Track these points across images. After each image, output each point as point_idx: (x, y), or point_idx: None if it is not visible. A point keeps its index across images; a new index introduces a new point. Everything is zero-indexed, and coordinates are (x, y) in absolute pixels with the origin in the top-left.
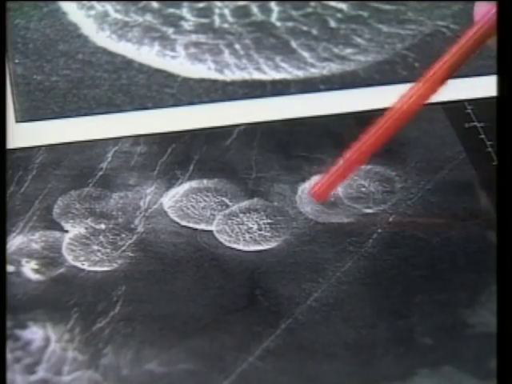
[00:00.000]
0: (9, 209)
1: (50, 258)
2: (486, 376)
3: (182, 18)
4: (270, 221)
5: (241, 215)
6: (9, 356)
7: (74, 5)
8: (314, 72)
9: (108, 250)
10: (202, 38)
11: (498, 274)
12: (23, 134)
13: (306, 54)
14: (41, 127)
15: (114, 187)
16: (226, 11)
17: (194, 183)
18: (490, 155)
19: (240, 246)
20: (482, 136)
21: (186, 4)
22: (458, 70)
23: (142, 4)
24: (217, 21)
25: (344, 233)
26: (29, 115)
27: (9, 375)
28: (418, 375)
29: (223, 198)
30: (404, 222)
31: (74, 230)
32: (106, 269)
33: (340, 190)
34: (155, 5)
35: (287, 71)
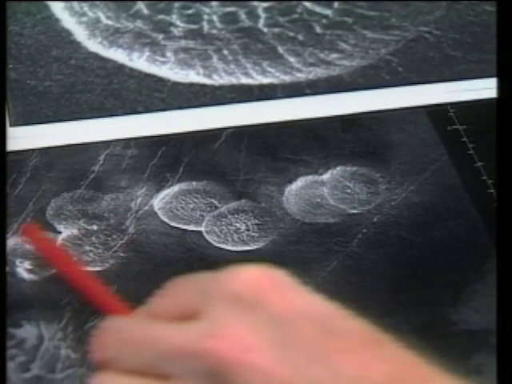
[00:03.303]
0: None
1: (43, 258)
2: (468, 372)
3: (171, 24)
4: (257, 221)
5: (229, 216)
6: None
7: (66, 12)
8: (300, 77)
9: (100, 251)
10: (191, 43)
11: (497, 275)
12: (17, 138)
13: (292, 59)
14: (34, 131)
15: (106, 189)
16: (215, 17)
17: (183, 185)
18: (471, 157)
19: (228, 247)
20: (464, 139)
21: (175, 11)
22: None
23: (132, 11)
24: (205, 27)
25: (330, 233)
26: (23, 119)
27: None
28: None
29: (212, 200)
30: None
31: (67, 231)
32: (98, 269)
33: (326, 192)
34: (145, 11)
35: (274, 76)
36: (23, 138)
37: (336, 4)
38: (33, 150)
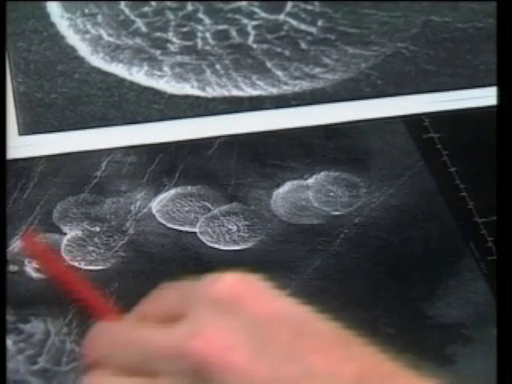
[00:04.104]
0: (12, 213)
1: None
2: (443, 362)
3: (168, 41)
4: (247, 223)
5: (221, 218)
6: (13, 348)
7: (71, 29)
8: (286, 89)
9: (102, 251)
10: (186, 59)
11: (497, 276)
12: (25, 146)
13: (279, 73)
14: (41, 139)
15: (108, 193)
16: (208, 34)
17: (179, 189)
18: (445, 163)
19: (221, 246)
20: (439, 146)
21: (171, 28)
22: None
23: (132, 29)
24: (199, 43)
25: (314, 233)
26: (30, 129)
27: (12, 365)
28: None
29: (205, 203)
30: None
31: (72, 232)
32: (100, 267)
33: (310, 195)
34: (144, 29)
35: (263, 88)
36: (31, 146)
37: (320, 22)
38: (40, 157)
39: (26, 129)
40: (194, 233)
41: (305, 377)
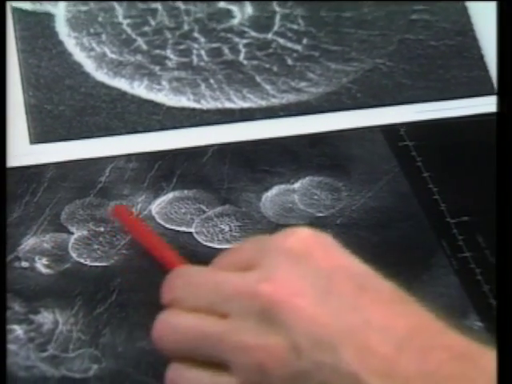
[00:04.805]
0: (24, 215)
1: (58, 255)
2: None
3: (166, 57)
4: (239, 223)
5: (215, 219)
6: (24, 337)
7: (77, 47)
8: (274, 101)
9: (106, 249)
10: (182, 74)
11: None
12: (36, 154)
13: (268, 87)
14: (51, 148)
15: (111, 197)
16: (202, 52)
17: (176, 193)
18: (419, 168)
19: (215, 245)
20: (413, 153)
21: (169, 46)
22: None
23: (133, 47)
24: (195, 60)
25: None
26: (41, 138)
27: (24, 352)
28: None
29: (200, 205)
30: None
31: (78, 232)
32: (104, 264)
33: (296, 198)
34: (144, 47)
35: (253, 101)
36: (41, 153)
37: (304, 40)
38: (49, 164)
39: (37, 138)
40: (190, 233)
41: (362, 326)
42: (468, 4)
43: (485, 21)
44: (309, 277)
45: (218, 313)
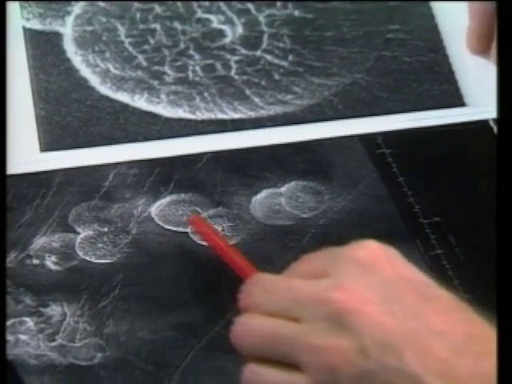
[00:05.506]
0: (35, 217)
1: (66, 253)
2: None
3: (164, 73)
4: (230, 224)
5: (209, 220)
6: (34, 328)
7: (83, 64)
8: (263, 113)
9: (109, 247)
10: (179, 88)
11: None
12: (46, 161)
13: (257, 100)
14: (59, 155)
15: (114, 200)
16: (197, 68)
17: (174, 196)
18: (395, 174)
19: None
20: (389, 159)
21: (167, 63)
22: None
23: (134, 63)
24: (190, 75)
25: (286, 232)
26: (50, 146)
27: (34, 342)
28: None
29: (196, 208)
30: None
31: (84, 232)
32: (108, 261)
33: (283, 201)
34: (144, 64)
35: (243, 112)
36: (51, 161)
37: (290, 57)
38: (58, 170)
39: (47, 147)
40: (186, 232)
41: (424, 332)
42: (439, 23)
43: (454, 39)
44: (376, 286)
45: (292, 317)
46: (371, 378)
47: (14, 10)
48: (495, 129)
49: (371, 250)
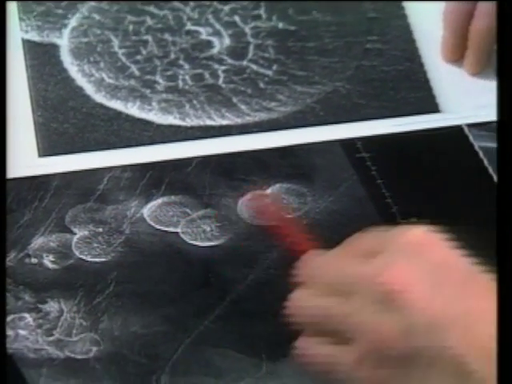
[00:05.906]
0: (33, 218)
1: (63, 252)
2: None
3: (155, 82)
4: (218, 224)
5: (198, 221)
6: (33, 323)
7: (79, 74)
8: (249, 119)
9: (104, 247)
10: (170, 96)
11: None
12: (44, 166)
13: (243, 107)
14: (57, 160)
15: (109, 202)
16: (187, 77)
17: (165, 198)
18: (373, 177)
19: (198, 243)
20: (368, 163)
21: (158, 72)
22: None
23: (127, 73)
24: (180, 84)
25: (271, 232)
26: (48, 152)
27: (33, 337)
28: None
29: (186, 209)
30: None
31: (80, 232)
32: (102, 260)
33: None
34: (137, 73)
35: (230, 119)
36: (48, 165)
37: (274, 67)
38: (55, 174)
39: (44, 152)
40: (177, 232)
41: (468, 314)
42: (415, 33)
43: (430, 48)
44: (424, 269)
45: (343, 292)
46: (416, 356)
47: (13, 24)
48: (469, 134)
49: (418, 235)
